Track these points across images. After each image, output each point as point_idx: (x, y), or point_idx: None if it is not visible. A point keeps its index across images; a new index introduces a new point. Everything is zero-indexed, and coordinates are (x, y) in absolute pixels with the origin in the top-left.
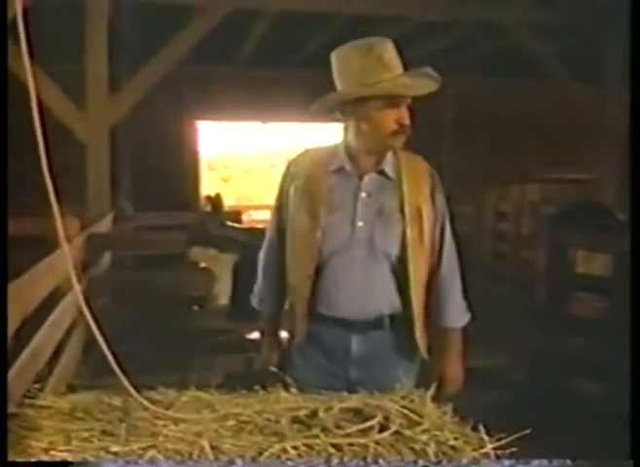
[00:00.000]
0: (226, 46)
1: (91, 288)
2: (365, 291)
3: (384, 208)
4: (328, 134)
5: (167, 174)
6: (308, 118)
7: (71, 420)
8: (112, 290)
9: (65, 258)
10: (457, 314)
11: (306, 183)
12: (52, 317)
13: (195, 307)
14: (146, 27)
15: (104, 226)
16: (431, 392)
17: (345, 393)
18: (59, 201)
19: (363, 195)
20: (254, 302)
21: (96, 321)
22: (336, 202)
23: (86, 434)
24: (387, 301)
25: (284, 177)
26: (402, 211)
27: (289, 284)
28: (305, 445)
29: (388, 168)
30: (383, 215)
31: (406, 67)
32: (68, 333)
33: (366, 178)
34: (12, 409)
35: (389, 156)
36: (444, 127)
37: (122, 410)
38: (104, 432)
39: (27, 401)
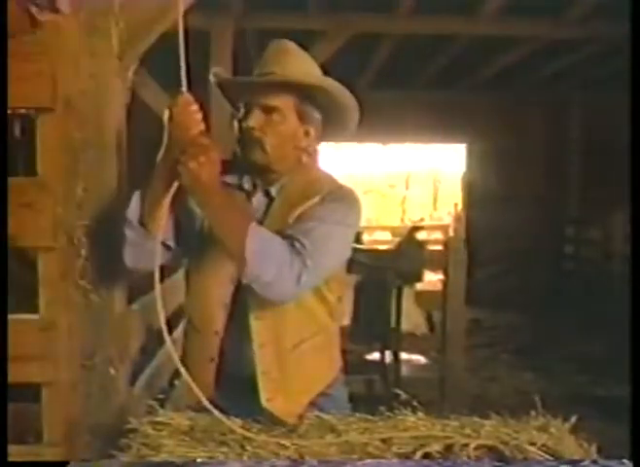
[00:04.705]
0: (348, 69)
1: None
2: None
3: None
4: (448, 155)
5: None
6: (428, 139)
7: (191, 441)
8: None
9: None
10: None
11: None
12: (175, 334)
13: None
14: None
15: None
16: (569, 425)
17: (477, 419)
18: None
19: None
20: None
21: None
22: None
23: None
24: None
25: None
26: None
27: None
28: None
29: (275, 189)
30: None
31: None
32: None
33: (254, 200)
34: (132, 424)
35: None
36: (571, 148)
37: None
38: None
39: (147, 417)
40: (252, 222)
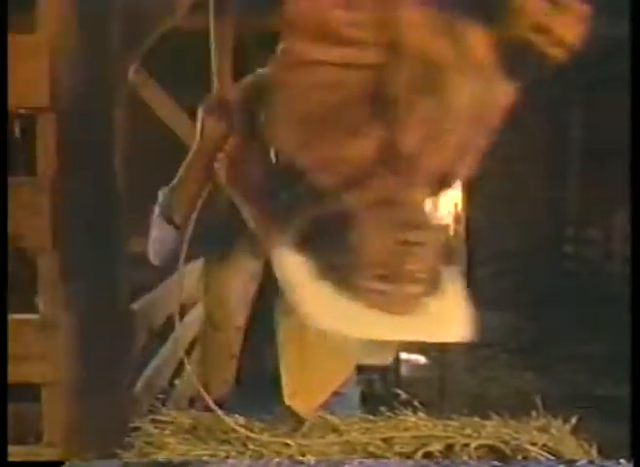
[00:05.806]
0: None
1: None
2: None
3: None
4: None
5: None
6: None
7: (193, 440)
8: None
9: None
10: None
11: None
12: (175, 333)
13: None
14: (270, 51)
15: None
16: (570, 426)
17: (478, 419)
18: None
19: None
20: None
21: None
22: None
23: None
24: None
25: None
26: None
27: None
28: None
29: None
30: None
31: None
32: (191, 349)
33: None
34: (136, 422)
35: None
36: (572, 147)
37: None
38: (227, 458)
39: (150, 415)
40: None
